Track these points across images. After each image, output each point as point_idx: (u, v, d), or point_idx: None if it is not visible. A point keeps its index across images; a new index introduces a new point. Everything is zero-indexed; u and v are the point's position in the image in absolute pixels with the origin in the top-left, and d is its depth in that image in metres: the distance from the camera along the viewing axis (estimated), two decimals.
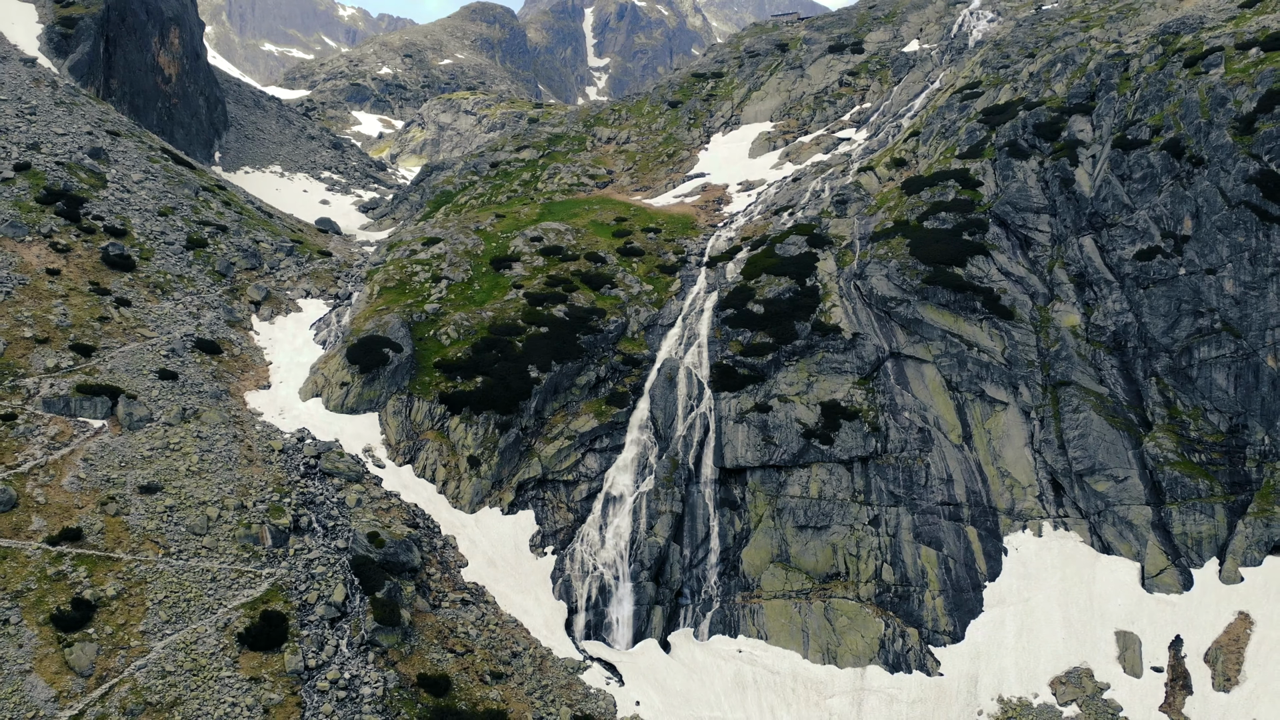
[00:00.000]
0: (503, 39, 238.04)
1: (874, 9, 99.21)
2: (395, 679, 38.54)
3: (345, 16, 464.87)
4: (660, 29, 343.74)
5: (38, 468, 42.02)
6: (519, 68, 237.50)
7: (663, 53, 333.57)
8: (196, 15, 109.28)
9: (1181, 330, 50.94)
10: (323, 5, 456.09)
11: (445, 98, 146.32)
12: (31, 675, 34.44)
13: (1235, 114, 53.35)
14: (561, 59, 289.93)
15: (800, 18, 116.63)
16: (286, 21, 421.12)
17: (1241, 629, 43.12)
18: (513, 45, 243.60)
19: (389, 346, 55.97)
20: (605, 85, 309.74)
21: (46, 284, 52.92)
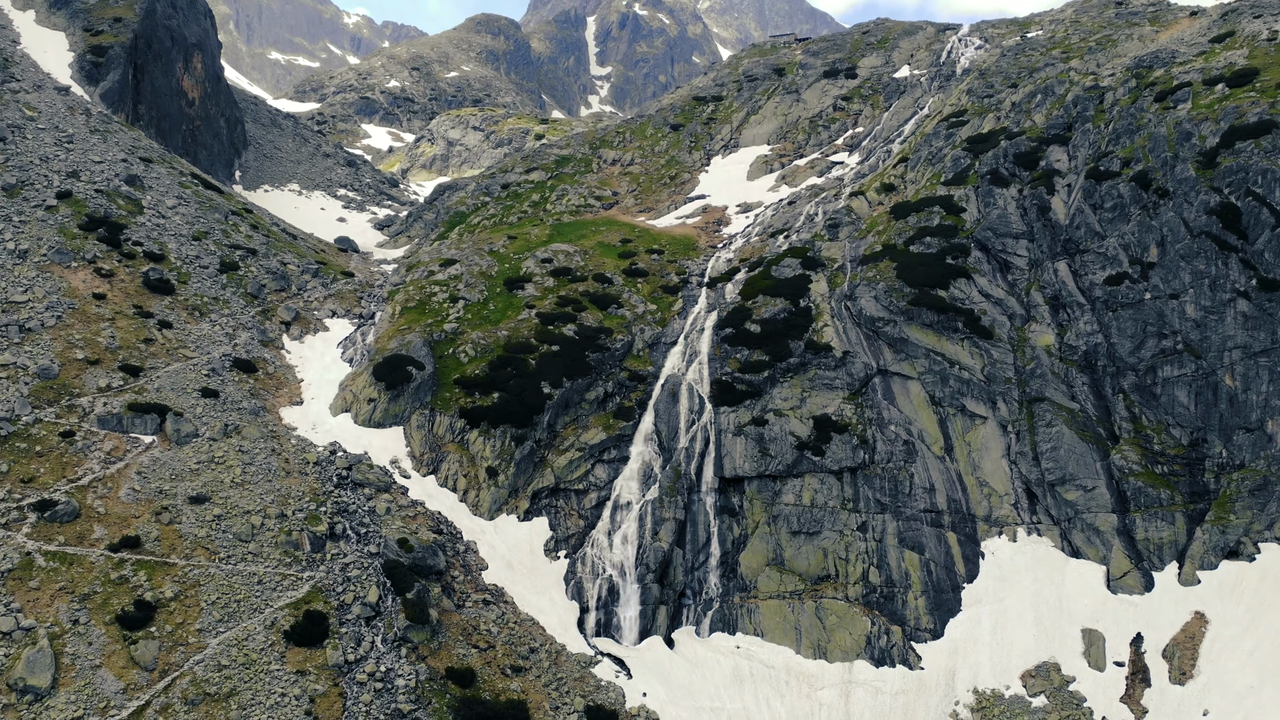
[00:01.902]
0: (507, 50, 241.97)
1: (867, 35, 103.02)
2: (426, 672, 42.33)
3: (350, 24, 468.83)
4: (661, 37, 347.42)
5: (96, 481, 45.82)
6: (523, 79, 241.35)
7: (664, 61, 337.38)
8: (216, 38, 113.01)
9: (1147, 350, 54.72)
10: (328, 14, 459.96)
11: (454, 114, 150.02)
12: (102, 670, 38.20)
13: (1199, 148, 57.12)
14: (564, 68, 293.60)
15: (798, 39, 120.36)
16: (293, 30, 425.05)
17: (1197, 627, 46.87)
18: (517, 56, 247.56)
19: (412, 364, 59.76)
20: (608, 94, 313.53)
21: (94, 308, 56.73)
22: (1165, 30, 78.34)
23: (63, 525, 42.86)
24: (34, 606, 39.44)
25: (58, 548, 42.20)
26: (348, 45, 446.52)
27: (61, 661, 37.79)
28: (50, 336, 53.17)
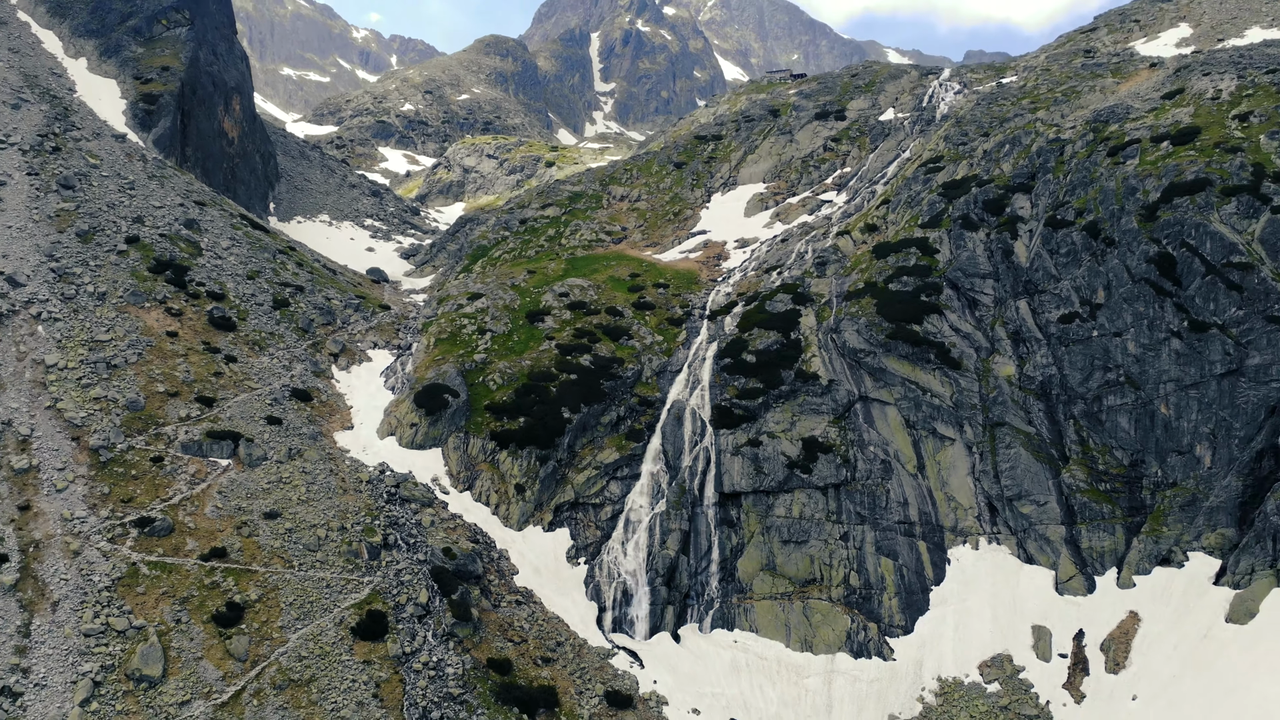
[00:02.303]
0: (515, 71, 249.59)
1: (856, 77, 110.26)
2: (470, 662, 49.55)
3: (359, 39, 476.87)
4: (663, 53, 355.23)
5: (184, 500, 53.08)
6: (531, 99, 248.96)
7: (666, 77, 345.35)
8: (251, 79, 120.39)
9: (1094, 382, 61.91)
10: (337, 29, 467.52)
11: (469, 142, 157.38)
12: (203, 661, 45.41)
13: (1142, 202, 64.34)
14: (570, 86, 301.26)
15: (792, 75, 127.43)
16: (304, 46, 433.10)
17: (1131, 624, 54.03)
18: (525, 77, 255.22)
19: (448, 393, 67.04)
20: (611, 109, 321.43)
21: (168, 345, 64.03)
22: (1126, 82, 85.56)
23: (160, 539, 50.12)
24: (142, 608, 46.68)
25: (158, 558, 49.46)
26: (356, 59, 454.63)
27: (169, 654, 45.00)
28: (134, 372, 60.48)
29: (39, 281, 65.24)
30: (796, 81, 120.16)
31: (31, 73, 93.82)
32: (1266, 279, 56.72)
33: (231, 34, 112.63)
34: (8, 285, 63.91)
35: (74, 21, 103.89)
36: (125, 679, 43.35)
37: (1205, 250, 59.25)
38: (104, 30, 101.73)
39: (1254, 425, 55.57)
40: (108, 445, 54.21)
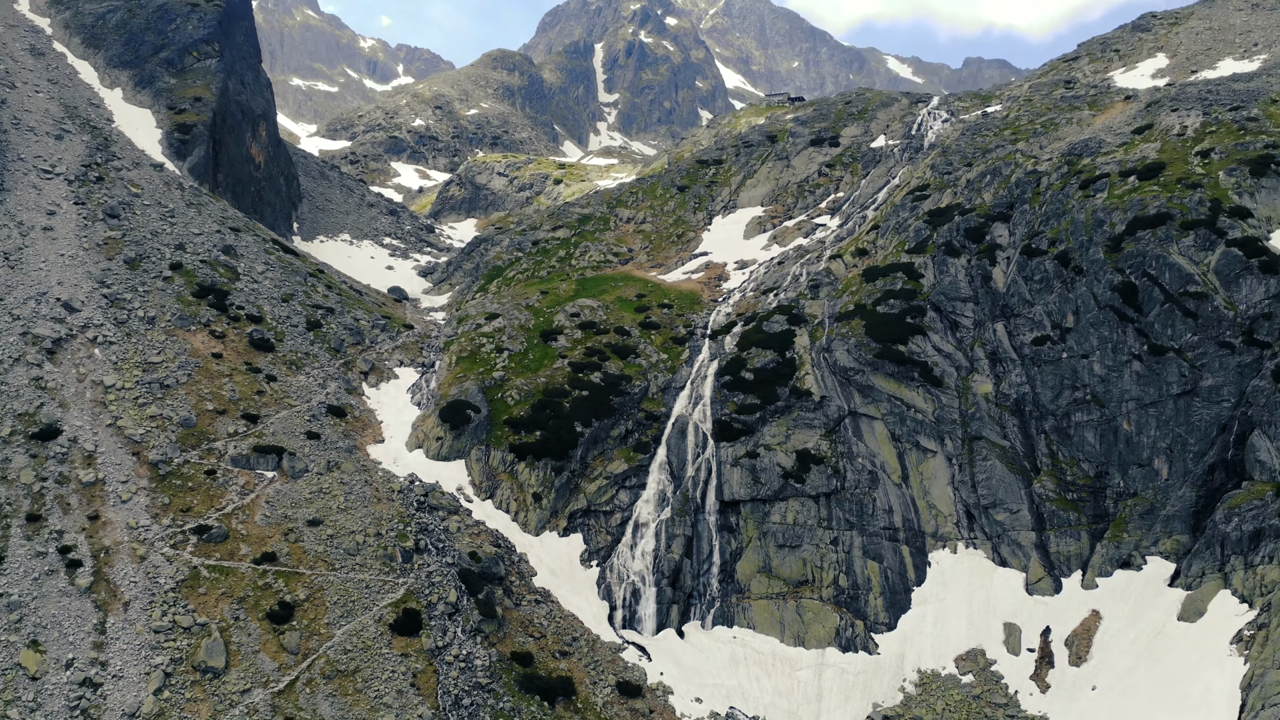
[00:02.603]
0: (522, 85, 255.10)
1: (849, 105, 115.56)
2: (495, 655, 54.85)
3: (366, 48, 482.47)
4: (666, 64, 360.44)
5: (236, 509, 58.43)
6: (537, 112, 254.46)
7: (668, 88, 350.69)
8: (274, 106, 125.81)
9: (1063, 399, 67.16)
10: (345, 39, 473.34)
11: (480, 159, 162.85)
12: (260, 654, 50.70)
13: (1109, 234, 69.56)
14: (575, 97, 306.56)
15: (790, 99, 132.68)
16: (312, 56, 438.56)
17: (1093, 622, 59.26)
18: (531, 91, 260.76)
19: (470, 408, 72.37)
20: (615, 120, 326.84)
21: (214, 365, 69.40)
22: (1101, 114, 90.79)
23: (217, 545, 55.46)
24: (204, 607, 52.01)
25: (215, 562, 54.81)
26: (364, 69, 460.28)
27: (230, 648, 50.30)
28: (185, 391, 65.86)
29: (93, 307, 70.64)
30: (794, 106, 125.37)
31: (71, 103, 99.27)
32: (1219, 307, 61.96)
33: (257, 63, 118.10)
34: (65, 311, 69.30)
35: (108, 52, 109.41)
36: (192, 670, 48.65)
37: (1164, 280, 64.49)
38: (137, 61, 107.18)
39: (1207, 441, 60.81)
40: (165, 460, 59.57)
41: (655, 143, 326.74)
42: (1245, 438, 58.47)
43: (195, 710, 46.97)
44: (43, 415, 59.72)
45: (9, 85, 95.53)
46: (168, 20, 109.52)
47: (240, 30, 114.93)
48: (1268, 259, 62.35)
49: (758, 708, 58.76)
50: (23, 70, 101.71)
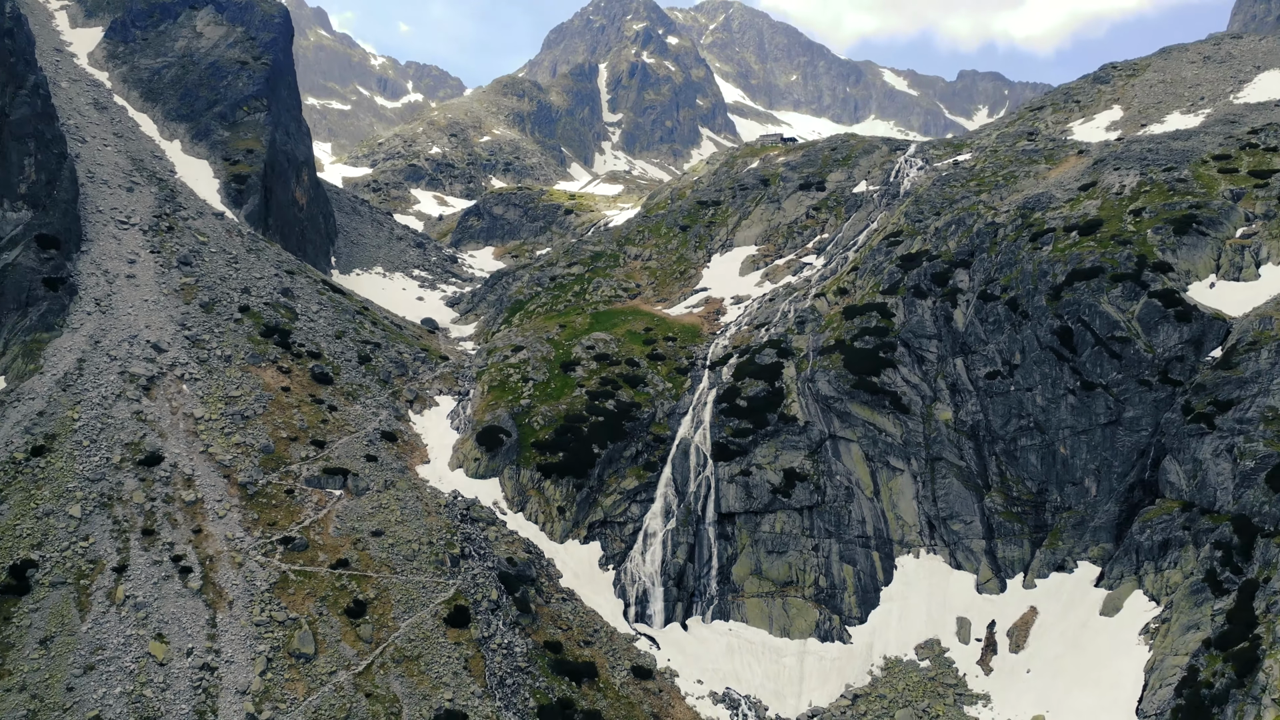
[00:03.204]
0: (531, 111, 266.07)
1: (835, 151, 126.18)
2: (531, 643, 65.46)
3: (377, 66, 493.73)
4: (667, 84, 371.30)
5: (313, 523, 69.08)
6: (545, 136, 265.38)
7: (670, 107, 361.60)
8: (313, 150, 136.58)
9: (1011, 426, 77.77)
10: (356, 57, 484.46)
11: (497, 190, 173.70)
12: (341, 643, 61.25)
13: (1051, 284, 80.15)
14: (580, 119, 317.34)
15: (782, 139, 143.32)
16: (326, 75, 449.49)
17: (1031, 616, 69.78)
18: (540, 116, 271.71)
19: (502, 433, 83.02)
20: (619, 140, 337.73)
21: (284, 398, 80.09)
22: (1056, 168, 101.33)
23: (299, 553, 66.08)
24: (293, 605, 62.60)
25: (300, 568, 65.46)
26: (375, 86, 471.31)
27: (317, 638, 60.91)
28: (262, 421, 76.56)
29: (178, 347, 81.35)
30: (785, 148, 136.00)
31: (137, 156, 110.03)
32: (1140, 350, 72.57)
33: (298, 112, 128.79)
34: (154, 351, 79.99)
35: (166, 106, 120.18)
36: (289, 656, 59.24)
37: (1095, 326, 75.09)
38: (193, 115, 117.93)
39: (1128, 464, 71.39)
40: (252, 481, 70.26)
41: (658, 161, 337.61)
42: (1159, 461, 69.02)
43: (293, 688, 57.60)
44: (146, 444, 70.40)
45: (80, 140, 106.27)
46: (219, 76, 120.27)
47: (284, 84, 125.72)
48: (1182, 309, 72.98)
49: (750, 688, 69.40)
50: (90, 125, 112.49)
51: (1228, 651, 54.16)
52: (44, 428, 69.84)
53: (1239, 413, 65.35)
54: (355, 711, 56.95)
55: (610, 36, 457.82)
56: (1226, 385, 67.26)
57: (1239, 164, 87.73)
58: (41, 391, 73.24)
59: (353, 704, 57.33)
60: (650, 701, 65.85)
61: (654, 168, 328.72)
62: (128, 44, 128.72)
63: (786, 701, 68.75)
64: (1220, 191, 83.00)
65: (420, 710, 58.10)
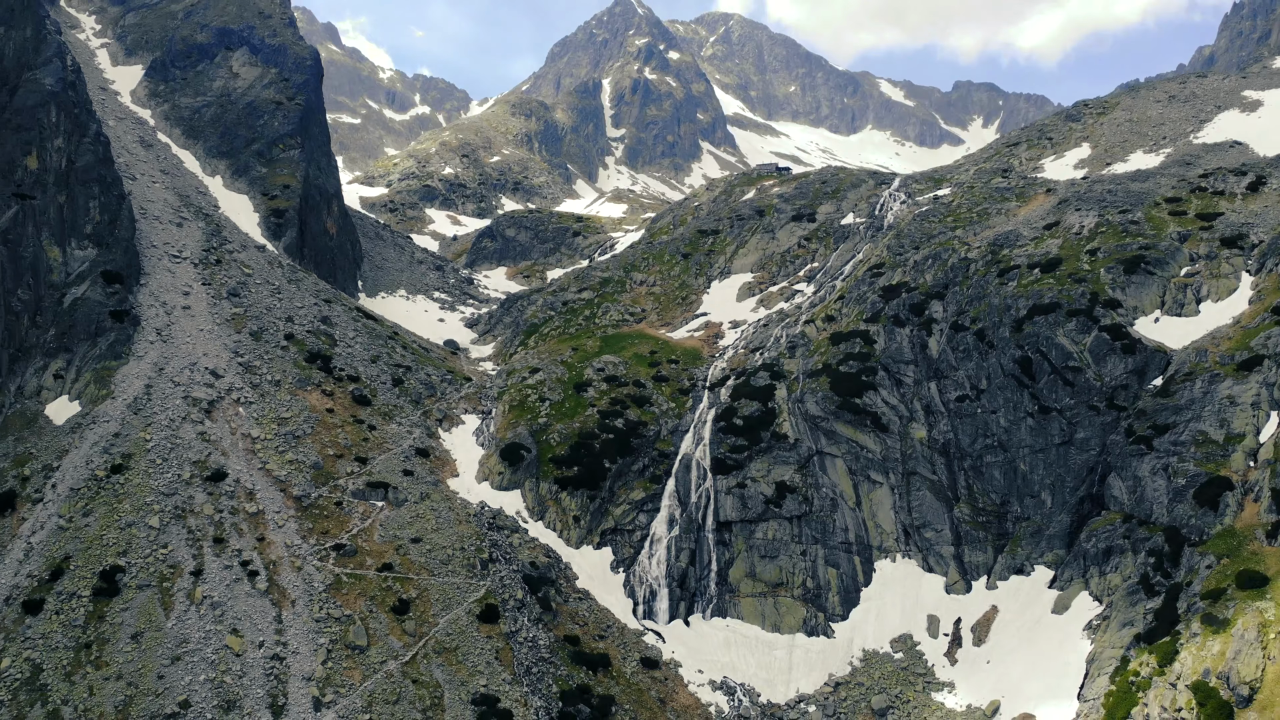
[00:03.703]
0: (538, 130, 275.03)
1: (825, 184, 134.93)
2: (553, 637, 74.10)
3: (385, 79, 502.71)
4: (669, 100, 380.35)
5: (360, 531, 77.75)
6: (551, 155, 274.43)
7: (671, 123, 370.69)
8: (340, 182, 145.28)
9: (978, 445, 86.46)
10: (365, 71, 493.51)
11: (509, 213, 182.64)
12: (389, 637, 69.86)
13: (1014, 317, 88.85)
14: (585, 135, 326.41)
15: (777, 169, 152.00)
16: (336, 90, 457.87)
17: (992, 614, 78.44)
18: (546, 134, 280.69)
19: (523, 449, 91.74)
20: (622, 155, 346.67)
21: (329, 419, 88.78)
22: (1025, 206, 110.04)
23: (350, 558, 74.75)
24: (347, 604, 71.23)
25: (350, 571, 74.14)
26: (383, 99, 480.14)
27: (369, 632, 69.50)
28: (311, 440, 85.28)
29: (233, 373, 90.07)
30: (779, 178, 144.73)
31: (183, 192, 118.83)
32: (1089, 379, 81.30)
33: (328, 147, 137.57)
34: (213, 377, 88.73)
35: (206, 144, 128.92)
36: (345, 648, 67.88)
37: (1052, 356, 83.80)
38: (233, 152, 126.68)
39: (1079, 479, 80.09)
40: (305, 495, 78.97)
41: (660, 175, 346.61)
42: (1105, 478, 77.73)
43: (350, 675, 66.30)
44: (211, 462, 79.13)
45: (131, 177, 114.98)
46: (256, 116, 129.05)
47: (316, 122, 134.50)
48: (1128, 342, 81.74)
49: (744, 677, 78.07)
50: (139, 163, 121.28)
51: (1153, 645, 62.86)
52: (120, 448, 78.58)
53: (1174, 436, 74.10)
54: (404, 695, 65.65)
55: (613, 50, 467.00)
56: (1164, 411, 76.01)
57: (1188, 206, 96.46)
58: (115, 415, 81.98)
59: (402, 689, 66.00)
60: (657, 688, 74.62)
61: (656, 182, 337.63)
62: (168, 83, 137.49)
63: (776, 689, 77.41)
64: (1168, 234, 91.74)
65: (459, 694, 66.76)
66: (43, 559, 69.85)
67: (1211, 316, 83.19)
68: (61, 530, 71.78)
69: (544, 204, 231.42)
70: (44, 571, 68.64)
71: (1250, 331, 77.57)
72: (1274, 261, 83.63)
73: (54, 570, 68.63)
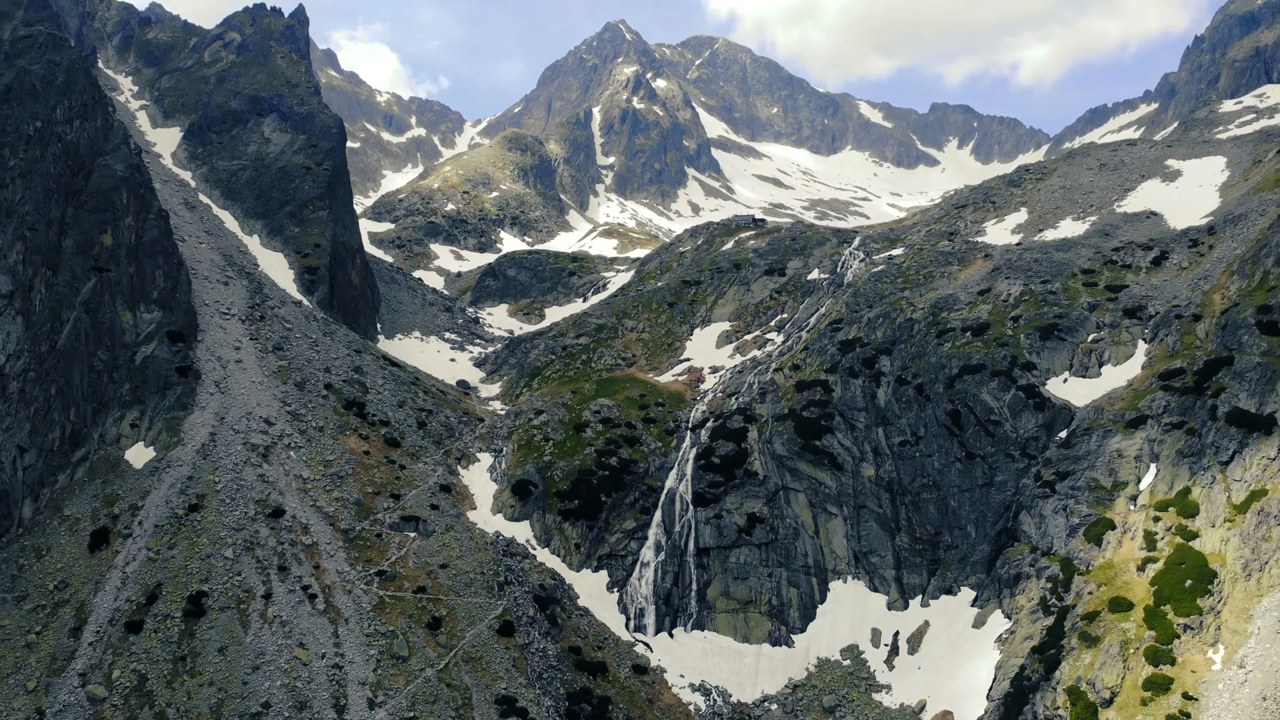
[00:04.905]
0: (533, 165, 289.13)
1: (794, 241, 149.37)
2: (559, 648, 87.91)
3: (382, 103, 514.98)
4: (656, 129, 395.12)
5: (398, 559, 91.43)
6: (546, 187, 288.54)
7: (659, 151, 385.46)
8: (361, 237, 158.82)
9: (916, 483, 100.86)
10: (364, 95, 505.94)
11: (510, 253, 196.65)
12: (426, 648, 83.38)
13: (948, 374, 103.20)
14: (577, 165, 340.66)
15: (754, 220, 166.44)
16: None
17: (924, 628, 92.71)
18: (541, 169, 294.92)
19: (531, 484, 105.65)
20: (611, 182, 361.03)
21: (366, 460, 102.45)
22: (965, 270, 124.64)
23: (390, 582, 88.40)
24: (390, 621, 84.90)
25: (391, 593, 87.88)
26: (381, 122, 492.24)
27: (409, 644, 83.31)
28: (352, 480, 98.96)
29: (283, 421, 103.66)
30: (755, 231, 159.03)
31: (227, 252, 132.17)
32: (1007, 431, 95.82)
33: (351, 206, 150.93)
34: (266, 424, 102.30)
35: (244, 205, 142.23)
36: (390, 658, 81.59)
37: (977, 410, 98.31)
38: (268, 213, 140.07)
39: (998, 515, 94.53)
40: (350, 528, 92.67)
41: (647, 201, 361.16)
42: (1018, 515, 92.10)
43: (396, 680, 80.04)
44: (271, 500, 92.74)
45: (180, 239, 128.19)
46: (288, 179, 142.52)
47: (341, 184, 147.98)
48: (1039, 400, 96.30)
49: (719, 680, 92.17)
50: (185, 224, 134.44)
51: (1043, 655, 77.28)
52: (194, 489, 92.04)
53: (1072, 481, 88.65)
54: (440, 697, 79.48)
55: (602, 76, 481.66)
56: (1066, 460, 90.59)
57: (1100, 278, 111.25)
58: (186, 460, 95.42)
59: (438, 692, 79.81)
60: (646, 690, 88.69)
61: (644, 208, 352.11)
62: (205, 146, 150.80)
63: (745, 690, 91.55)
64: (1080, 303, 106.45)
65: (484, 696, 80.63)
66: (138, 586, 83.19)
67: (1111, 379, 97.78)
68: (151, 561, 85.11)
69: (540, 237, 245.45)
70: (140, 597, 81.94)
71: (1139, 394, 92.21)
72: (1164, 332, 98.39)
73: (149, 595, 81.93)
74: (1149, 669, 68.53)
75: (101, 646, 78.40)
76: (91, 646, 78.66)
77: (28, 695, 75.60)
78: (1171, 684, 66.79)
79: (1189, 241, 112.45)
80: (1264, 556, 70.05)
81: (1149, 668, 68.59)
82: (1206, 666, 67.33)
